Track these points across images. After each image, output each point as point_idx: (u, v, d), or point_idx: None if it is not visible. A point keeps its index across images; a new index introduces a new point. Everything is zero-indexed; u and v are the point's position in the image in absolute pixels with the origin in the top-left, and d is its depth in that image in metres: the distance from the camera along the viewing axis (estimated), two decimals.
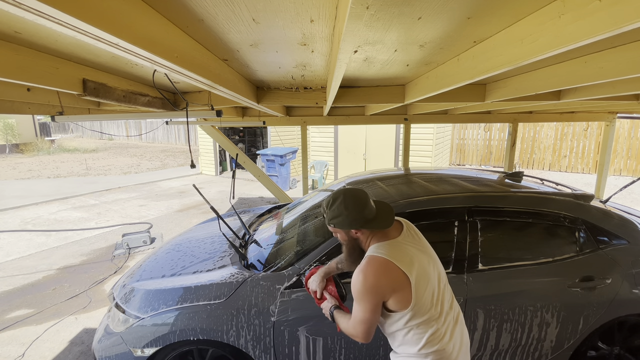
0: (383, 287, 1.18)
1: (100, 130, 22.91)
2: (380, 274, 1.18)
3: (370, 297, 1.18)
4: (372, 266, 1.20)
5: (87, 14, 0.68)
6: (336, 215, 1.26)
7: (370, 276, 1.18)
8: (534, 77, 1.83)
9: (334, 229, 1.32)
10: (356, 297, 1.21)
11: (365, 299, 1.19)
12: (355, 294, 1.21)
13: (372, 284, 1.18)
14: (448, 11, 0.94)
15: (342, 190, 1.30)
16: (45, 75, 1.48)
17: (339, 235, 1.34)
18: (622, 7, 0.69)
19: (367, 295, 1.19)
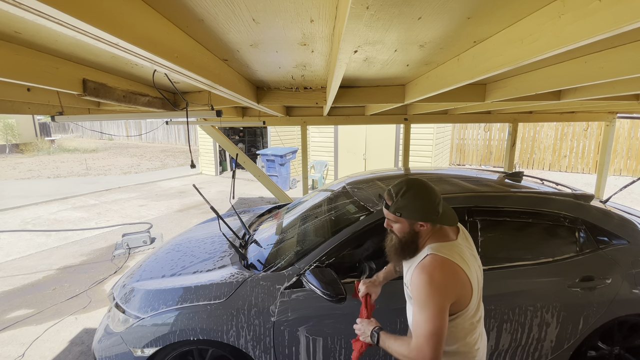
0: (451, 288, 1.10)
1: (100, 130, 22.91)
2: (448, 274, 1.11)
3: (440, 299, 1.08)
4: (439, 265, 1.11)
5: (87, 14, 0.68)
6: (406, 205, 1.17)
7: (437, 276, 1.10)
8: (534, 77, 1.83)
9: (396, 219, 1.20)
10: (421, 301, 1.09)
11: (434, 301, 1.07)
12: (421, 296, 1.09)
13: (440, 284, 1.09)
14: (448, 11, 0.94)
15: (413, 180, 1.22)
16: (45, 75, 1.48)
17: (397, 227, 1.22)
18: (622, 7, 0.69)
19: (436, 296, 1.07)
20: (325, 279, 1.72)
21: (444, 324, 1.07)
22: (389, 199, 1.21)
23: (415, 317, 1.11)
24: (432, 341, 1.05)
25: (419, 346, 1.07)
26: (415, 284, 1.12)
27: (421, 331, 1.07)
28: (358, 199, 2.21)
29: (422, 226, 1.18)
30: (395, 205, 1.19)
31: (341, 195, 2.47)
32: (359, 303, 1.82)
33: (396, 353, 1.15)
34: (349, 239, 1.91)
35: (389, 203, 1.21)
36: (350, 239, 1.91)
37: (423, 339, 1.06)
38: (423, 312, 1.08)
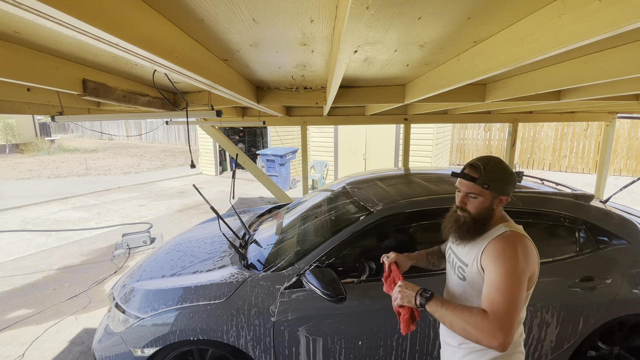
0: (531, 265, 1.08)
1: (100, 130, 22.91)
2: (530, 250, 1.09)
3: (524, 271, 1.04)
4: (521, 240, 1.10)
5: (87, 14, 0.68)
6: (494, 178, 1.13)
7: (521, 249, 1.07)
8: (534, 77, 1.83)
9: (480, 192, 1.15)
10: (505, 270, 1.04)
11: (520, 271, 1.03)
12: (505, 265, 1.04)
13: (525, 257, 1.06)
14: (448, 11, 0.94)
15: (492, 156, 1.21)
16: (45, 75, 1.48)
17: (477, 202, 1.16)
18: (622, 7, 0.69)
19: (521, 267, 1.04)
20: (325, 279, 1.72)
21: (523, 298, 1.04)
22: (475, 172, 1.16)
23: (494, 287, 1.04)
24: (513, 316, 0.99)
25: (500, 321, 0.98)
26: (497, 253, 1.07)
27: (504, 300, 1.00)
28: (358, 199, 2.21)
29: (500, 202, 1.17)
30: (484, 177, 1.14)
31: (341, 195, 2.47)
32: (359, 303, 1.82)
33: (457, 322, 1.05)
34: (349, 239, 1.91)
35: (474, 175, 1.15)
36: (350, 239, 1.91)
37: (505, 313, 0.99)
38: (507, 282, 1.02)
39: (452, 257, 1.32)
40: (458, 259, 1.26)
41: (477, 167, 1.16)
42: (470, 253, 1.20)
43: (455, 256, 1.29)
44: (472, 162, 1.19)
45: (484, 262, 1.12)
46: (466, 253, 1.22)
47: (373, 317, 1.83)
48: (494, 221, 1.19)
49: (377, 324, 1.84)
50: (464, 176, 1.18)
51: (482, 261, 1.12)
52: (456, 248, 1.29)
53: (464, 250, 1.23)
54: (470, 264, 1.18)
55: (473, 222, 1.18)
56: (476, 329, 1.00)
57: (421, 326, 1.87)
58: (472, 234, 1.19)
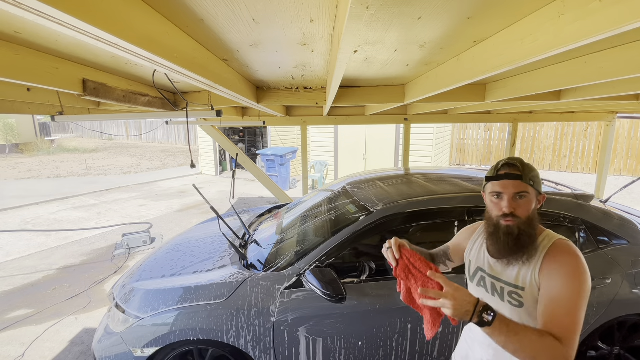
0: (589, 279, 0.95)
1: (100, 130, 22.91)
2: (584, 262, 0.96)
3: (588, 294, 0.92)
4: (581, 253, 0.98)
5: (87, 14, 0.68)
6: (536, 175, 1.01)
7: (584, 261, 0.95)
8: (534, 77, 1.83)
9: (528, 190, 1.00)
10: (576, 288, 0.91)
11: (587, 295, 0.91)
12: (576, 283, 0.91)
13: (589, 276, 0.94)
14: (448, 11, 0.94)
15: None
16: (45, 75, 1.48)
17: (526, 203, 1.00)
18: (622, 7, 0.69)
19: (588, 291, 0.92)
20: (325, 279, 1.72)
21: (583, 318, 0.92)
22: (516, 170, 1.00)
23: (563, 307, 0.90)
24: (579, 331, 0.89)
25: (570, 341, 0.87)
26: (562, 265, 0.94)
27: (572, 319, 0.89)
28: (358, 199, 2.21)
29: (538, 203, 1.04)
30: (527, 173, 0.99)
31: (341, 195, 2.47)
32: (359, 303, 1.82)
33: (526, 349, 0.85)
34: (349, 239, 1.91)
35: (518, 173, 0.99)
36: (350, 239, 1.91)
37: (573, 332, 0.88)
38: (574, 298, 0.90)
39: (488, 281, 1.11)
40: (502, 282, 1.06)
41: (516, 165, 1.02)
42: (521, 272, 1.01)
43: (494, 279, 1.09)
44: (507, 161, 1.05)
45: (543, 277, 0.97)
46: (514, 273, 1.03)
47: (373, 317, 1.83)
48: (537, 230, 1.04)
49: (377, 324, 1.84)
50: (508, 176, 1.00)
51: (541, 276, 0.97)
52: (492, 268, 1.09)
53: (508, 270, 1.04)
54: (527, 286, 1.00)
55: (530, 229, 1.01)
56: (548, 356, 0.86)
57: (419, 326, 1.87)
58: (522, 244, 1.00)
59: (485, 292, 1.12)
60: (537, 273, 0.98)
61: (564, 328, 0.88)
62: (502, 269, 1.07)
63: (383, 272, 1.93)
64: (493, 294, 1.09)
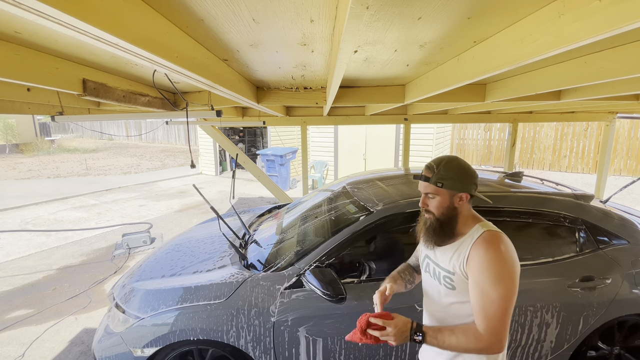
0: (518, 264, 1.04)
1: (100, 130, 22.91)
2: (513, 249, 1.05)
3: (514, 273, 1.01)
4: (503, 240, 1.06)
5: (87, 14, 0.68)
6: (447, 175, 1.13)
7: (505, 249, 1.03)
8: (534, 77, 1.83)
9: (436, 191, 1.14)
10: (494, 276, 1.01)
11: (510, 275, 1.00)
12: (493, 271, 1.01)
13: (512, 258, 1.03)
14: (448, 11, 0.94)
15: (451, 155, 1.21)
16: (45, 75, 1.48)
17: (436, 202, 1.15)
18: (622, 7, 0.69)
19: (510, 270, 1.01)
20: (325, 279, 1.72)
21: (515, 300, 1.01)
22: (429, 172, 1.16)
23: (485, 296, 1.01)
24: (507, 321, 0.99)
25: (495, 329, 0.99)
26: (482, 258, 1.04)
27: (496, 310, 0.99)
28: (358, 199, 2.21)
29: (460, 200, 1.14)
30: (436, 176, 1.14)
31: (341, 195, 2.47)
32: (359, 303, 1.82)
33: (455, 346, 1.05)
34: (349, 239, 1.91)
35: (428, 175, 1.16)
36: (350, 239, 1.91)
37: (498, 320, 0.99)
38: (497, 288, 0.99)
39: (431, 266, 1.25)
40: (440, 267, 1.20)
41: (431, 167, 1.17)
42: (453, 259, 1.15)
43: (435, 264, 1.23)
44: (429, 163, 1.19)
45: (469, 269, 1.08)
46: (448, 260, 1.16)
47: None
48: (466, 221, 1.16)
49: None
50: (420, 177, 1.19)
51: (467, 268, 1.09)
52: (434, 255, 1.24)
53: (444, 256, 1.18)
54: (457, 272, 1.13)
55: (438, 223, 1.17)
56: (476, 346, 1.03)
57: None
58: (441, 235, 1.17)
59: (429, 277, 1.26)
60: (464, 262, 1.10)
61: (488, 318, 1.01)
62: (439, 255, 1.21)
63: (383, 272, 1.93)
64: (434, 278, 1.23)
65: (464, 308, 1.13)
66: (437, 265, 1.22)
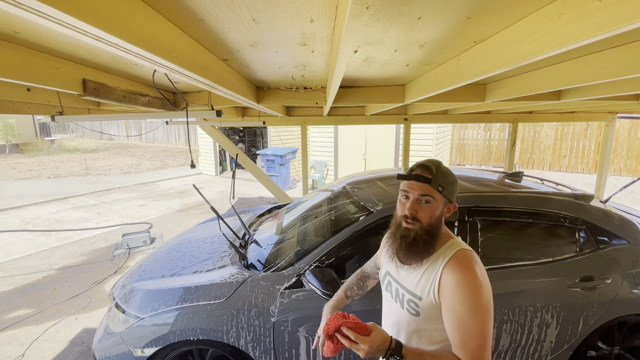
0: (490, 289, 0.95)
1: (100, 130, 22.91)
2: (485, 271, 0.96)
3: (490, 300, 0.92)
4: (477, 262, 0.96)
5: (87, 14, 0.68)
6: (449, 182, 0.99)
7: (481, 273, 0.94)
8: (534, 77, 1.83)
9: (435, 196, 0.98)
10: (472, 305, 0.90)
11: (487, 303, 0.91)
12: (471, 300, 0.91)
13: (487, 283, 0.93)
14: (448, 11, 0.94)
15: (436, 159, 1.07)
16: (45, 75, 1.48)
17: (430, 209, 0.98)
18: (622, 7, 0.69)
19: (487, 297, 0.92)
20: (325, 279, 1.72)
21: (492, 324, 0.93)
22: (428, 172, 0.98)
23: (464, 327, 0.91)
24: (488, 348, 0.90)
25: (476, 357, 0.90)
26: (458, 284, 0.92)
27: (478, 341, 0.90)
28: (358, 199, 2.21)
29: (448, 211, 1.02)
30: (438, 178, 0.97)
31: (341, 195, 2.47)
32: (359, 302, 1.82)
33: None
34: (349, 239, 1.91)
35: (428, 177, 0.97)
36: (350, 239, 1.91)
37: (481, 349, 0.90)
38: (477, 318, 0.90)
39: (394, 286, 1.10)
40: (404, 288, 1.05)
41: (429, 168, 0.99)
42: (421, 282, 1.00)
43: (398, 285, 1.08)
44: (423, 162, 1.02)
45: (442, 294, 0.96)
46: (415, 281, 1.02)
47: (373, 318, 1.83)
48: (441, 237, 1.02)
49: None
50: (417, 177, 0.98)
51: (441, 294, 0.96)
52: (398, 273, 1.08)
53: (411, 277, 1.03)
54: (425, 297, 0.99)
55: (427, 236, 0.98)
56: None
57: None
58: (420, 251, 0.99)
59: (390, 297, 1.12)
60: (436, 285, 0.97)
61: (471, 351, 0.90)
62: (405, 275, 1.06)
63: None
64: (396, 300, 1.09)
65: (427, 336, 1.02)
66: (400, 285, 1.07)
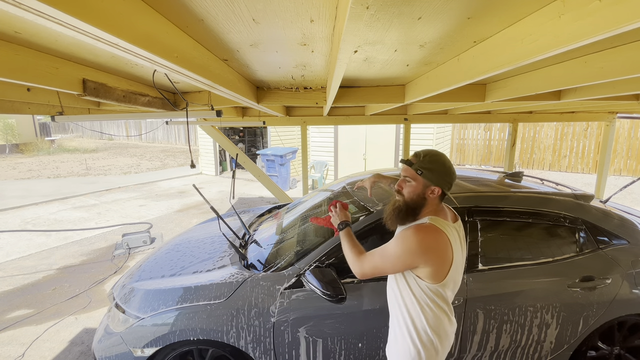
0: (428, 257, 1.17)
1: (100, 130, 22.90)
2: (437, 244, 1.18)
3: (412, 259, 1.17)
4: (431, 232, 1.18)
5: (87, 14, 0.68)
6: (428, 167, 1.22)
7: (426, 241, 1.17)
8: (534, 77, 1.83)
9: (414, 176, 1.25)
10: (397, 250, 1.19)
11: (406, 258, 1.18)
12: (400, 247, 1.19)
13: (422, 249, 1.16)
14: (448, 11, 0.94)
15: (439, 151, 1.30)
16: (45, 75, 1.48)
17: (410, 187, 1.26)
18: (622, 7, 0.69)
19: (411, 256, 1.17)
20: (325, 279, 1.72)
21: (392, 271, 1.24)
22: (414, 159, 1.26)
23: (383, 249, 1.24)
24: (373, 270, 1.26)
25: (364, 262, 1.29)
26: (402, 237, 1.19)
27: (376, 260, 1.26)
28: (358, 199, 2.21)
29: (432, 193, 1.23)
30: (419, 163, 1.24)
31: (341, 195, 2.47)
32: (359, 303, 1.83)
33: (346, 251, 1.39)
34: None
35: (412, 161, 1.25)
36: None
37: (371, 263, 1.27)
38: (390, 257, 1.21)
39: None
40: None
41: (417, 155, 1.27)
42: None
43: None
44: (417, 151, 1.29)
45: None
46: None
47: (373, 318, 1.83)
48: (428, 214, 1.26)
49: (377, 325, 1.84)
50: (404, 162, 1.29)
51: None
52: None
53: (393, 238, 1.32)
54: None
55: (405, 207, 1.27)
56: (353, 264, 1.33)
57: None
58: (402, 218, 1.27)
59: None
60: None
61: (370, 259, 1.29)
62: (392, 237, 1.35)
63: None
64: None
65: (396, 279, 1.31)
66: None
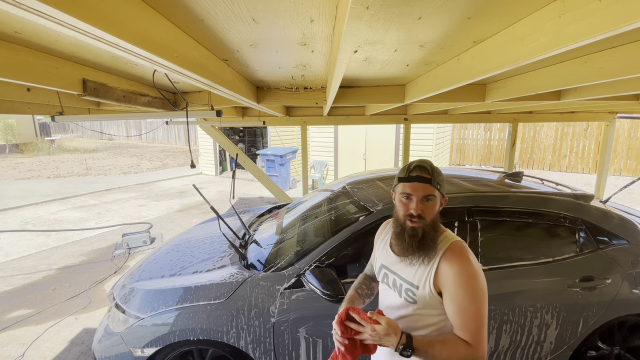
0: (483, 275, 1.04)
1: (100, 130, 22.90)
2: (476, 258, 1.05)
3: (485, 286, 1.01)
4: (470, 251, 1.05)
5: (87, 14, 0.68)
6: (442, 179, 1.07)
7: (476, 262, 1.03)
8: (534, 77, 1.83)
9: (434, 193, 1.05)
10: (471, 291, 1.00)
11: (483, 289, 1.01)
12: (469, 286, 1.00)
13: (481, 271, 1.03)
14: (448, 11, 0.94)
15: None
16: (45, 75, 1.48)
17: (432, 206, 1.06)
18: (622, 7, 0.69)
19: (483, 283, 1.01)
20: (325, 279, 1.72)
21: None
22: (426, 172, 1.05)
23: (465, 311, 1.00)
24: (486, 330, 1.00)
25: (479, 340, 0.99)
26: (458, 274, 1.00)
27: (478, 323, 0.99)
28: (358, 199, 2.21)
29: (441, 205, 1.10)
30: (435, 177, 1.05)
31: (341, 195, 2.47)
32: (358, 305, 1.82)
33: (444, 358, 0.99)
34: (349, 239, 1.91)
35: (427, 177, 1.04)
36: (350, 239, 1.91)
37: (480, 331, 0.99)
38: (475, 303, 0.99)
39: (391, 278, 1.17)
40: (402, 279, 1.13)
41: (427, 169, 1.06)
42: (418, 272, 1.08)
43: (395, 276, 1.15)
44: (418, 163, 1.08)
45: (442, 283, 1.04)
46: (412, 272, 1.10)
47: None
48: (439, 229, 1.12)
49: None
50: (419, 179, 1.04)
51: (440, 283, 1.04)
52: (397, 266, 1.15)
53: (409, 268, 1.11)
54: (422, 286, 1.07)
55: (432, 230, 1.07)
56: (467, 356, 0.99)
57: None
58: (434, 243, 1.07)
59: (388, 287, 1.19)
60: (432, 275, 1.05)
61: (472, 332, 0.99)
62: (403, 267, 1.13)
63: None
64: (394, 290, 1.16)
65: (422, 320, 1.10)
66: (398, 276, 1.15)
